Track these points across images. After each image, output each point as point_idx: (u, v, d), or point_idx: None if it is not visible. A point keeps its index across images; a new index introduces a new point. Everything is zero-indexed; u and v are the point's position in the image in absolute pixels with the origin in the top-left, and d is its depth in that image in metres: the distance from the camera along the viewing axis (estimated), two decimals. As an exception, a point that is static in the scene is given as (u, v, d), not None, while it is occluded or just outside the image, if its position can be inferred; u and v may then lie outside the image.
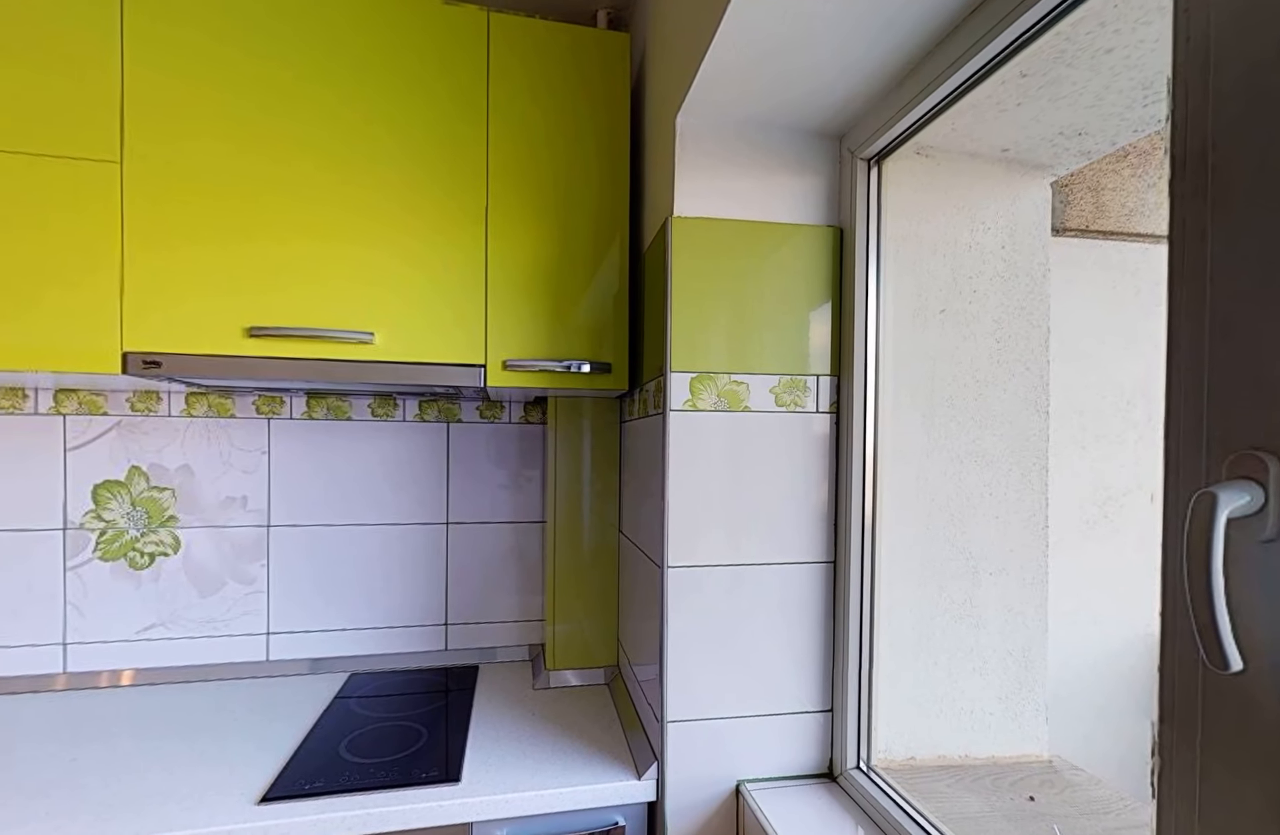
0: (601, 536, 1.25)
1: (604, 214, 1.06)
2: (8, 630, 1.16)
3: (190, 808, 0.80)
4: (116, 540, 1.20)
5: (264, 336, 0.94)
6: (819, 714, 0.92)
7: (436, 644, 1.32)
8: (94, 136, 0.90)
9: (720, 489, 0.89)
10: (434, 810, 0.82)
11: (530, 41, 1.02)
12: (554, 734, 1.02)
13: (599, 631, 1.26)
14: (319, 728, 1.02)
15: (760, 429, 0.90)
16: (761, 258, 0.89)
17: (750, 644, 0.90)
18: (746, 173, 0.89)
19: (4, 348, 0.88)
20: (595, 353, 1.06)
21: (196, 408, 1.23)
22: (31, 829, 0.76)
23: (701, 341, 0.88)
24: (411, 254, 0.99)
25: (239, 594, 1.24)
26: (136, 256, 0.91)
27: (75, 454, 1.19)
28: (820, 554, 0.91)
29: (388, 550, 1.30)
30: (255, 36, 0.94)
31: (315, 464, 1.27)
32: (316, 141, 0.96)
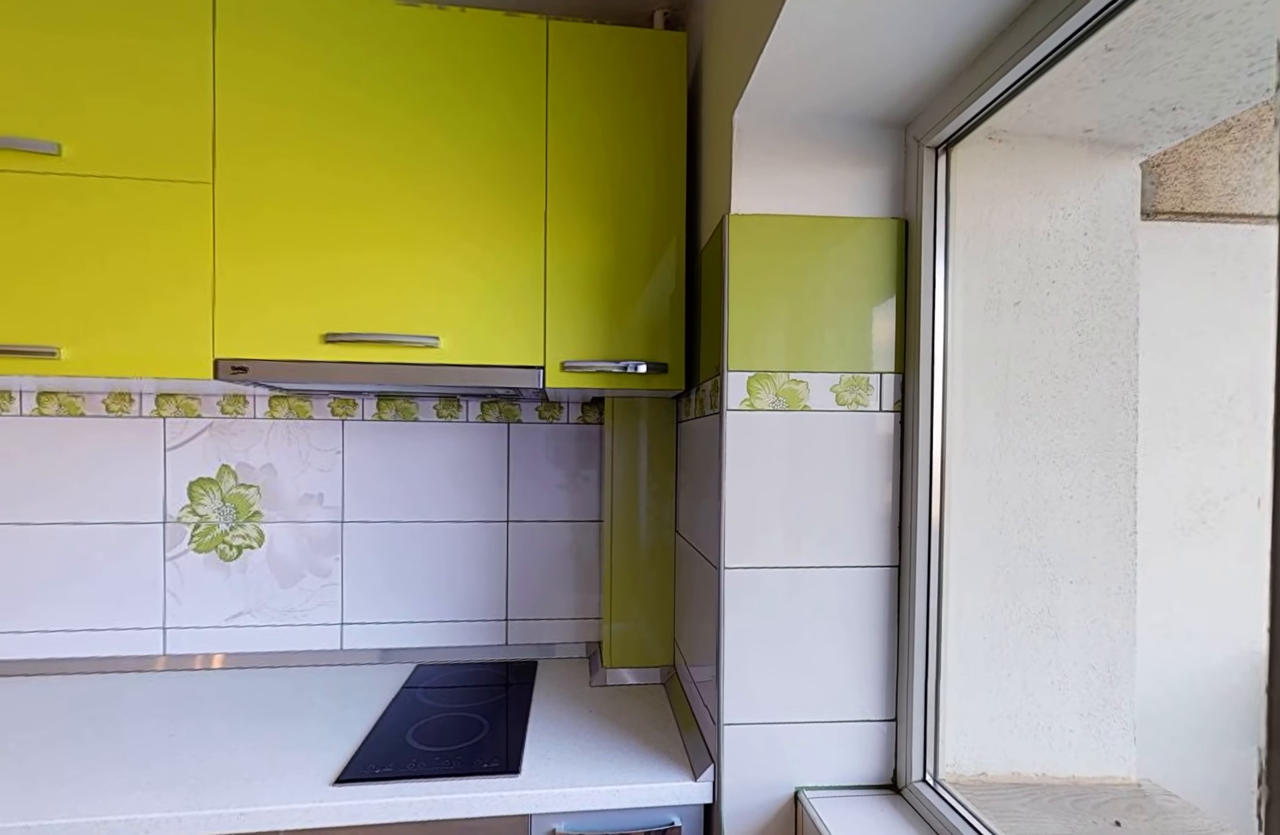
0: (658, 536, 1.26)
1: (661, 214, 1.06)
2: (117, 614, 1.27)
3: (273, 785, 0.85)
4: (209, 533, 1.29)
5: (338, 342, 0.99)
6: (882, 723, 0.89)
7: (497, 639, 1.36)
8: (190, 160, 0.97)
9: (778, 490, 0.87)
10: (494, 800, 0.85)
11: (587, 46, 1.04)
12: (611, 731, 1.03)
13: (655, 631, 1.26)
14: (388, 715, 1.07)
15: (820, 428, 0.88)
16: (821, 253, 0.87)
17: (809, 648, 0.88)
18: (806, 167, 0.87)
19: (114, 357, 0.96)
20: (652, 353, 1.06)
21: (279, 410, 1.31)
22: (137, 797, 0.82)
23: (759, 340, 0.87)
24: (474, 260, 1.02)
25: (316, 586, 1.32)
26: (226, 270, 0.98)
27: (174, 453, 1.28)
28: (883, 558, 0.88)
29: (451, 547, 1.35)
30: (331, 59, 0.99)
31: (385, 463, 1.33)
32: (386, 155, 1.00)
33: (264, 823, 0.80)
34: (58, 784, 0.85)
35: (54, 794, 0.83)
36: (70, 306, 0.95)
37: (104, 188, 0.96)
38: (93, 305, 0.96)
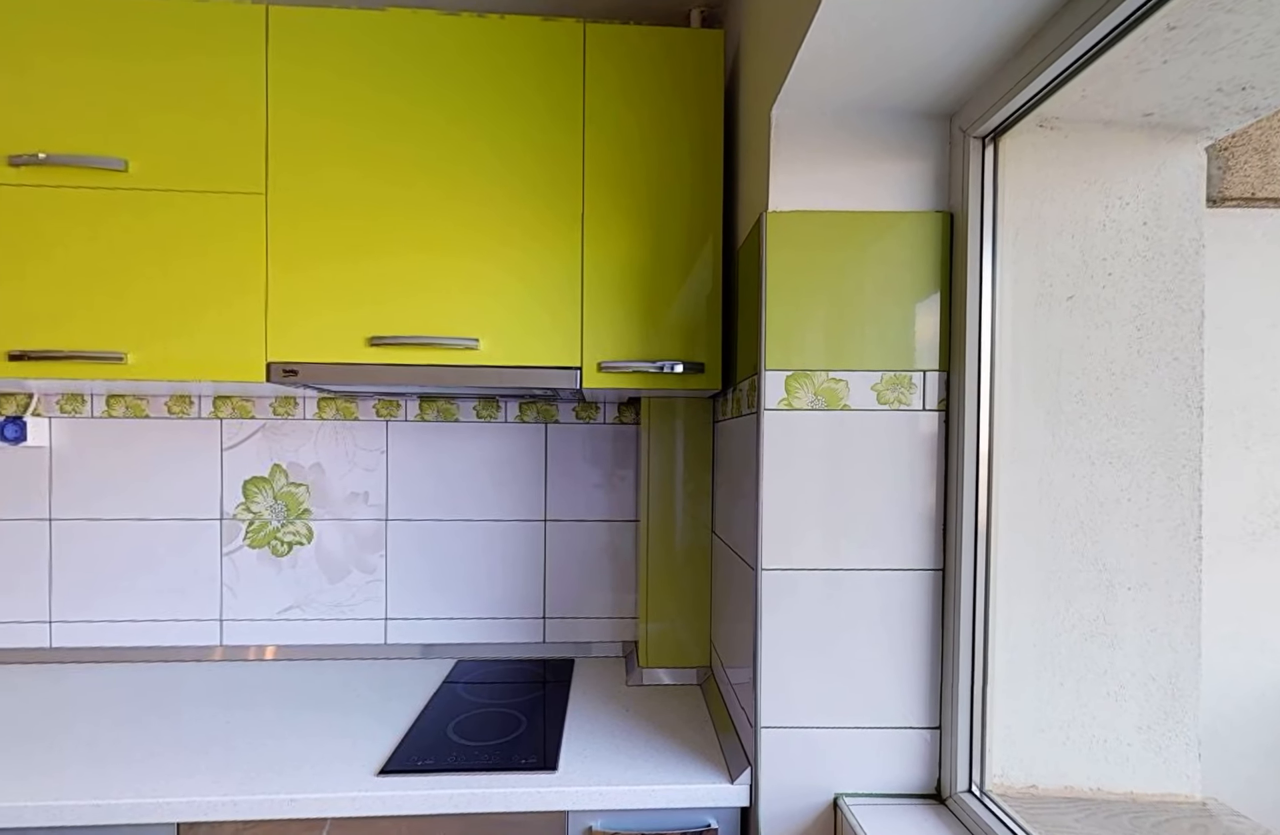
0: (694, 536, 1.25)
1: (697, 213, 1.06)
2: (179, 606, 1.33)
3: (321, 773, 0.88)
4: (262, 530, 1.35)
5: (382, 345, 1.02)
6: (925, 731, 0.86)
7: (535, 636, 1.37)
8: (244, 172, 1.02)
9: (817, 490, 0.86)
10: (532, 796, 0.85)
11: (624, 48, 1.05)
12: (647, 731, 1.03)
13: (691, 631, 1.25)
14: (429, 709, 1.09)
15: (861, 428, 0.86)
16: (862, 249, 0.85)
17: (849, 652, 0.86)
18: (845, 162, 0.86)
19: (175, 361, 1.01)
20: (688, 353, 1.06)
21: (326, 411, 1.35)
22: (197, 780, 0.86)
23: (797, 338, 0.86)
24: (512, 263, 1.04)
25: (361, 581, 1.36)
26: (278, 276, 1.02)
27: (230, 453, 1.34)
28: (927, 561, 0.86)
29: (491, 545, 1.37)
30: (376, 70, 1.02)
31: (427, 463, 1.36)
32: (427, 162, 1.03)
33: (312, 810, 0.83)
34: (124, 765, 0.90)
35: (121, 775, 0.87)
36: (137, 314, 1.01)
37: (166, 201, 1.01)
38: (157, 312, 1.01)
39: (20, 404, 1.30)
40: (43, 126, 1.00)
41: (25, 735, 0.98)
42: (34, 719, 1.04)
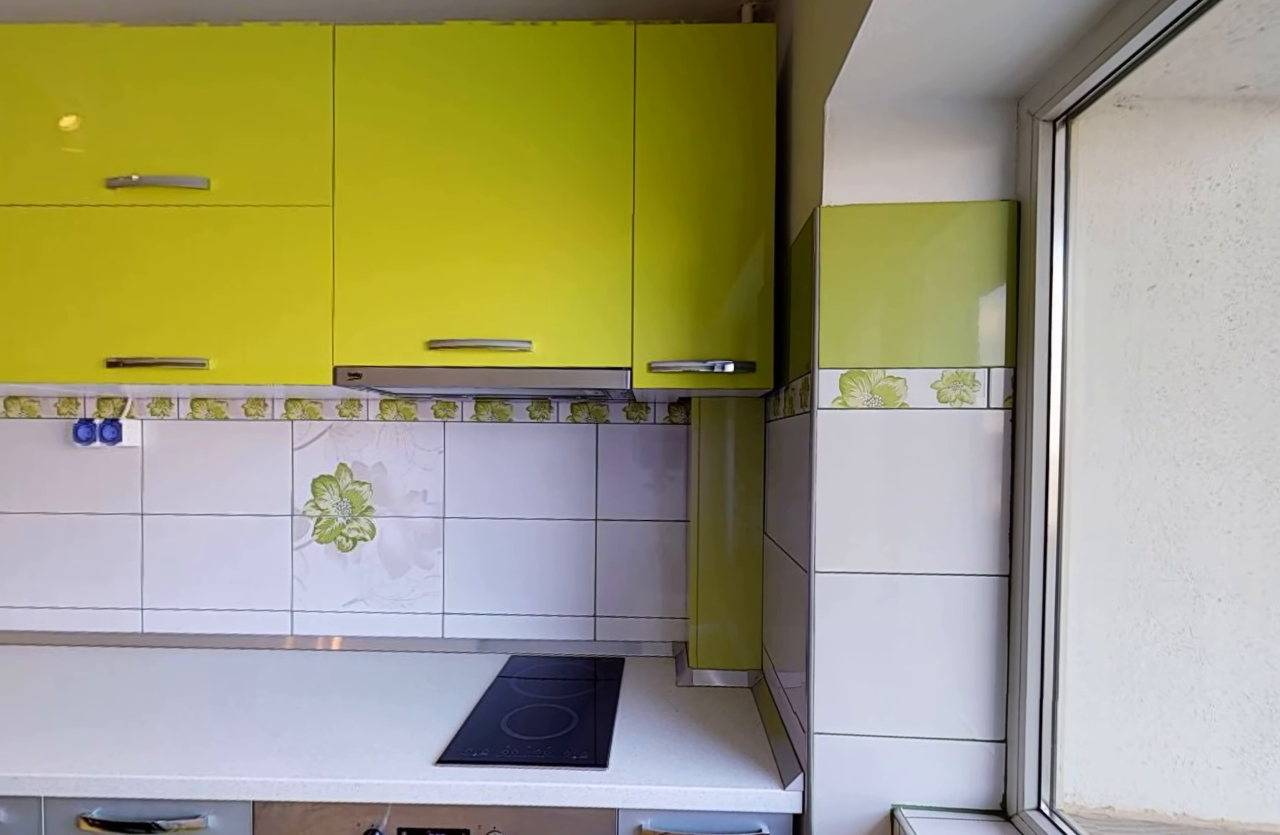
0: (745, 537, 1.24)
1: (748, 210, 1.05)
2: (254, 597, 1.41)
3: (382, 760, 0.92)
4: (329, 526, 1.41)
5: (440, 348, 1.05)
6: (989, 744, 0.82)
7: (586, 634, 1.39)
8: (313, 186, 1.07)
9: (873, 492, 0.83)
10: (582, 792, 0.86)
11: (674, 47, 1.05)
12: (697, 732, 1.02)
13: (742, 633, 1.24)
14: (484, 702, 1.12)
15: (920, 427, 0.83)
16: (921, 242, 0.82)
17: (907, 659, 0.83)
18: (903, 152, 0.83)
19: (252, 366, 1.08)
20: (739, 352, 1.05)
21: (388, 413, 1.41)
22: (270, 762, 0.91)
23: (852, 336, 0.84)
24: (564, 265, 1.05)
25: (420, 577, 1.40)
26: (344, 284, 1.07)
27: (300, 453, 1.41)
28: (991, 566, 0.82)
29: (543, 543, 1.39)
30: (434, 81, 1.06)
31: (482, 462, 1.40)
32: (482, 169, 1.06)
33: (375, 795, 0.86)
34: (206, 745, 0.96)
35: (204, 753, 0.93)
36: (217, 322, 1.07)
37: (244, 215, 1.07)
38: (235, 320, 1.07)
39: (116, 407, 1.41)
40: (135, 150, 1.08)
41: (121, 713, 1.06)
42: (128, 699, 1.12)
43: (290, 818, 0.88)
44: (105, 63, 1.08)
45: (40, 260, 1.09)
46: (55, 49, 1.08)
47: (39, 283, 1.08)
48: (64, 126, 1.09)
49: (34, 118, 1.08)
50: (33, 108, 1.09)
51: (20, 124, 1.09)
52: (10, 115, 1.09)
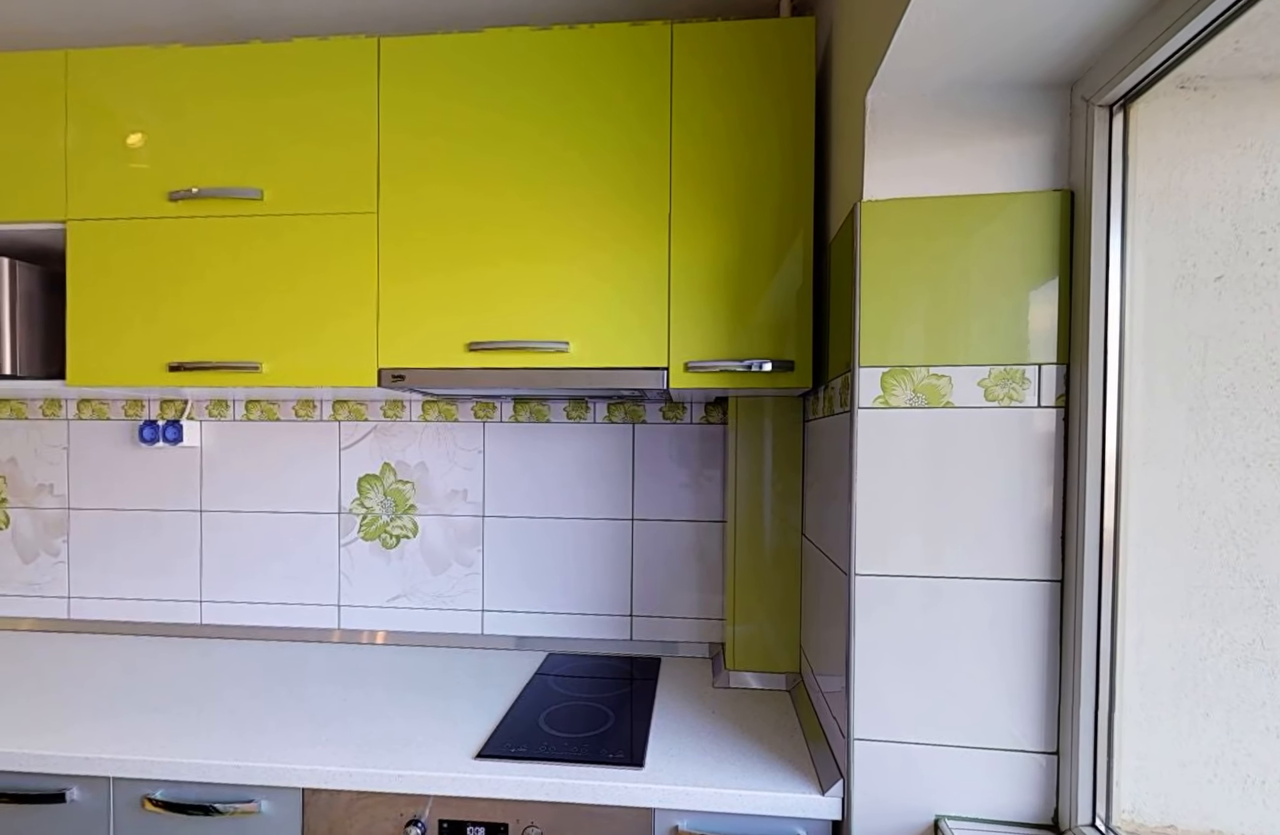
0: (783, 538, 1.22)
1: (787, 207, 1.04)
2: (303, 591, 1.46)
3: (424, 752, 0.94)
4: (373, 524, 1.45)
5: (480, 350, 1.07)
6: (1039, 755, 0.79)
7: (622, 633, 1.39)
8: (359, 194, 1.11)
9: (916, 493, 0.81)
10: (619, 791, 0.86)
11: (712, 45, 1.04)
12: (733, 735, 1.01)
13: (780, 636, 1.22)
14: (522, 699, 1.13)
15: (966, 427, 0.80)
16: (966, 235, 0.80)
17: (952, 666, 0.80)
18: (948, 143, 0.81)
19: (302, 369, 1.12)
20: (777, 351, 1.03)
21: (430, 413, 1.44)
22: (319, 751, 0.94)
23: (895, 333, 0.82)
24: (601, 266, 1.06)
25: (460, 574, 1.43)
26: (388, 288, 1.10)
27: (346, 452, 1.46)
28: (1042, 571, 0.79)
29: (580, 542, 1.40)
30: (474, 88, 1.08)
31: (520, 462, 1.42)
32: (521, 173, 1.07)
33: (417, 786, 0.88)
34: (259, 733, 0.99)
35: (257, 740, 0.97)
36: (270, 327, 1.12)
37: (294, 224, 1.12)
38: (286, 325, 1.12)
39: (178, 409, 1.49)
40: (194, 164, 1.13)
41: (182, 700, 1.12)
42: (188, 686, 1.18)
43: (337, 805, 0.91)
44: (168, 82, 1.14)
45: (110, 271, 1.15)
46: (123, 71, 1.15)
47: (109, 292, 1.15)
48: (130, 144, 1.15)
49: (104, 137, 1.15)
50: (103, 127, 1.15)
51: (92, 143, 1.15)
52: (84, 135, 1.16)
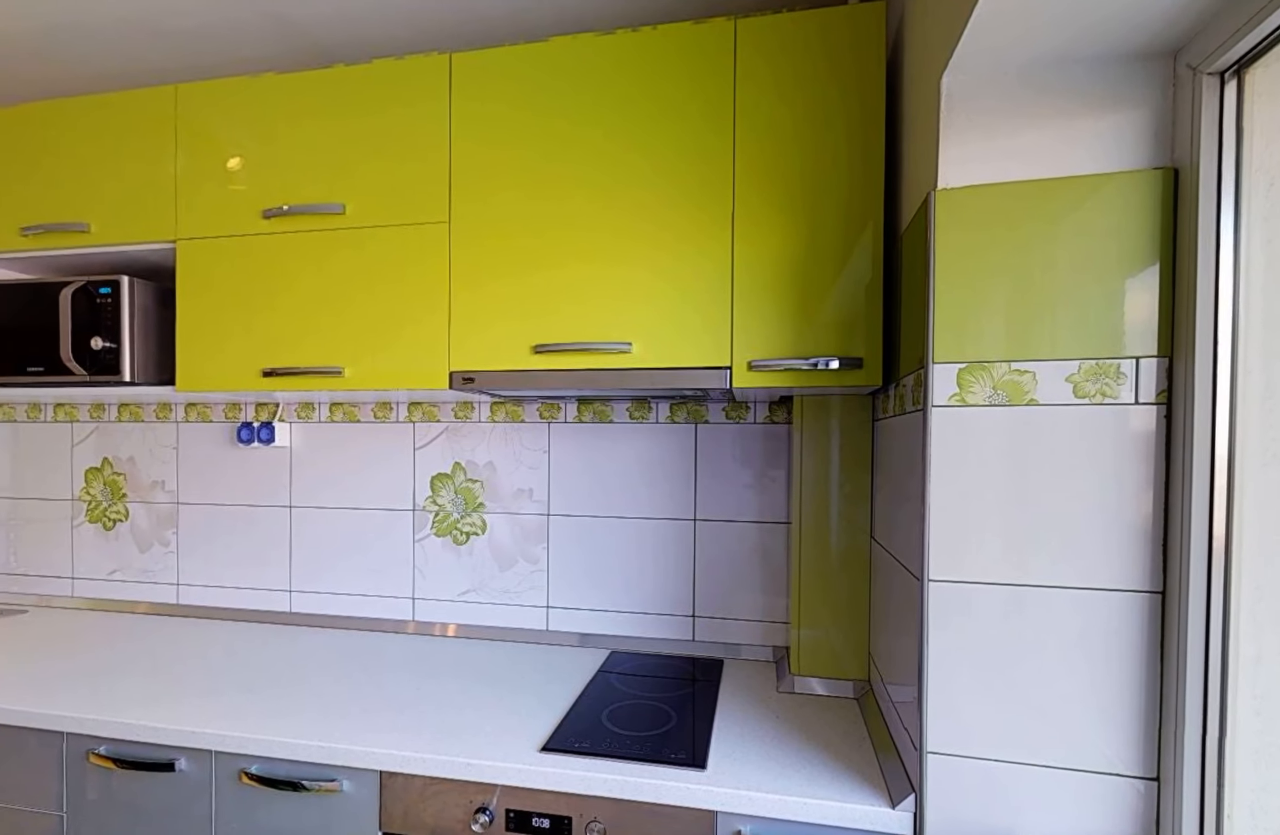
0: (851, 541, 1.18)
1: (855, 200, 1.01)
2: (381, 584, 1.54)
3: (492, 743, 0.96)
4: (445, 520, 1.51)
5: (545, 352, 1.09)
6: (1138, 781, 0.73)
7: (685, 634, 1.38)
8: (433, 204, 1.16)
9: (995, 496, 0.77)
10: (681, 791, 0.86)
11: (776, 38, 1.03)
12: (798, 741, 0.98)
13: (847, 641, 1.18)
14: (585, 695, 1.14)
15: (1052, 426, 0.75)
16: (1053, 221, 0.75)
17: (1036, 679, 0.75)
18: (1031, 124, 0.76)
19: (380, 373, 1.18)
20: (845, 348, 1.01)
21: (498, 414, 1.49)
22: (395, 737, 0.98)
23: (972, 327, 0.78)
24: (663, 267, 1.06)
25: (526, 571, 1.46)
26: (459, 294, 1.14)
27: (420, 452, 1.53)
28: (1140, 581, 0.73)
29: (642, 542, 1.41)
30: (541, 97, 1.11)
31: (584, 462, 1.44)
32: (586, 177, 1.09)
33: (485, 775, 0.91)
34: (341, 716, 1.05)
35: (340, 724, 1.02)
36: (352, 334, 1.19)
37: (374, 236, 1.18)
38: (366, 331, 1.18)
39: (270, 411, 1.60)
40: (284, 182, 1.22)
41: (274, 682, 1.19)
42: (280, 670, 1.26)
43: (411, 789, 0.95)
44: (262, 108, 1.23)
45: (212, 285, 1.25)
46: (224, 100, 1.25)
47: (212, 305, 1.25)
48: (230, 167, 1.25)
49: (208, 162, 1.26)
50: (207, 153, 1.26)
51: (198, 168, 1.26)
52: (191, 161, 1.27)
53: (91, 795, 1.05)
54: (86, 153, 1.32)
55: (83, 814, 1.06)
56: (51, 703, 1.08)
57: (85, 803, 1.05)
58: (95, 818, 1.05)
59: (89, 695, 1.11)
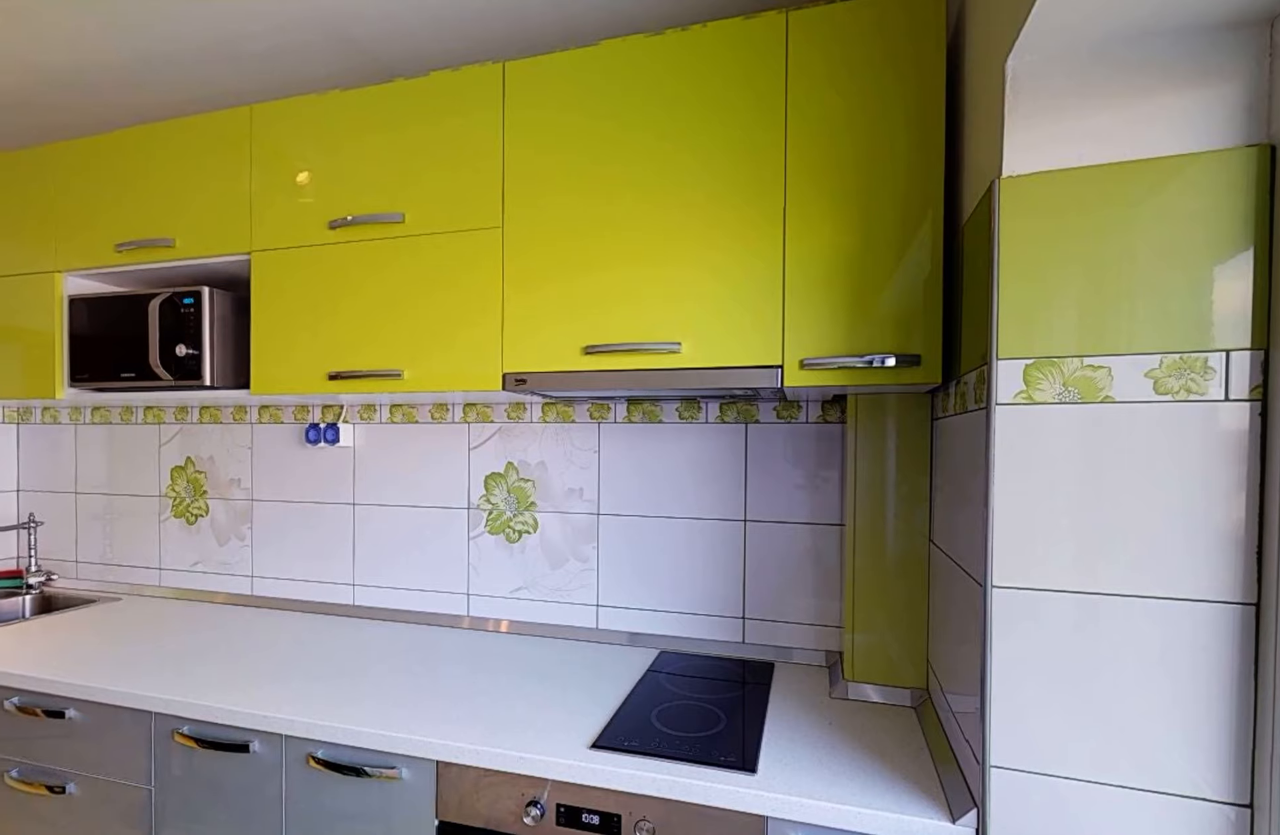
0: (908, 544, 1.14)
1: (914, 191, 0.98)
2: (436, 580, 1.59)
3: (543, 738, 0.98)
4: (498, 519, 1.55)
5: (595, 353, 1.10)
6: (1229, 807, 0.67)
7: (734, 635, 1.37)
8: (486, 210, 1.19)
9: (1066, 499, 0.73)
10: (730, 794, 0.85)
11: (830, 29, 1.01)
12: (852, 749, 0.96)
13: (904, 648, 1.14)
14: (634, 694, 1.14)
15: (1129, 424, 0.71)
16: (1131, 206, 0.71)
17: (1112, 695, 0.71)
18: (1106, 104, 0.72)
19: (437, 375, 1.21)
20: (902, 344, 0.97)
21: (549, 415, 1.51)
22: (449, 728, 1.01)
23: (1041, 320, 0.74)
24: (712, 265, 1.06)
25: (577, 569, 1.48)
26: (512, 297, 1.17)
27: (475, 452, 1.57)
28: (1230, 591, 0.67)
29: (692, 542, 1.40)
30: (591, 100, 1.12)
31: (633, 462, 1.44)
32: (635, 178, 1.10)
33: (537, 769, 0.92)
34: (399, 707, 1.08)
35: (397, 713, 1.06)
36: (410, 337, 1.23)
37: (431, 243, 1.22)
38: (424, 335, 1.22)
39: (335, 413, 1.67)
40: (348, 194, 1.28)
41: (338, 672, 1.25)
42: (343, 660, 1.31)
43: (466, 780, 0.97)
44: (328, 124, 1.29)
45: (283, 293, 1.32)
46: (293, 118, 1.32)
47: (282, 312, 1.32)
48: (299, 181, 1.32)
49: (279, 177, 1.33)
50: (278, 169, 1.33)
51: (270, 184, 1.34)
52: (263, 177, 1.34)
53: (176, 772, 1.12)
54: (172, 172, 1.42)
55: (168, 789, 1.13)
56: (142, 684, 1.16)
57: (171, 778, 1.13)
58: (179, 793, 1.12)
59: (174, 678, 1.19)
